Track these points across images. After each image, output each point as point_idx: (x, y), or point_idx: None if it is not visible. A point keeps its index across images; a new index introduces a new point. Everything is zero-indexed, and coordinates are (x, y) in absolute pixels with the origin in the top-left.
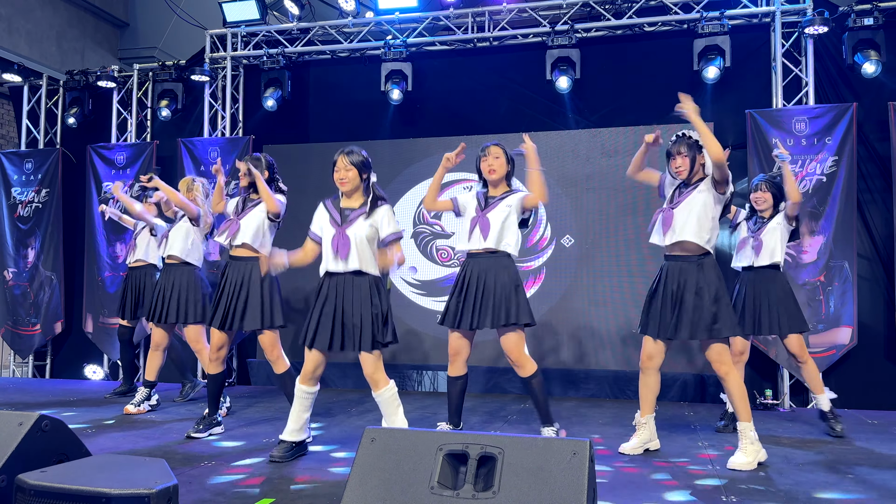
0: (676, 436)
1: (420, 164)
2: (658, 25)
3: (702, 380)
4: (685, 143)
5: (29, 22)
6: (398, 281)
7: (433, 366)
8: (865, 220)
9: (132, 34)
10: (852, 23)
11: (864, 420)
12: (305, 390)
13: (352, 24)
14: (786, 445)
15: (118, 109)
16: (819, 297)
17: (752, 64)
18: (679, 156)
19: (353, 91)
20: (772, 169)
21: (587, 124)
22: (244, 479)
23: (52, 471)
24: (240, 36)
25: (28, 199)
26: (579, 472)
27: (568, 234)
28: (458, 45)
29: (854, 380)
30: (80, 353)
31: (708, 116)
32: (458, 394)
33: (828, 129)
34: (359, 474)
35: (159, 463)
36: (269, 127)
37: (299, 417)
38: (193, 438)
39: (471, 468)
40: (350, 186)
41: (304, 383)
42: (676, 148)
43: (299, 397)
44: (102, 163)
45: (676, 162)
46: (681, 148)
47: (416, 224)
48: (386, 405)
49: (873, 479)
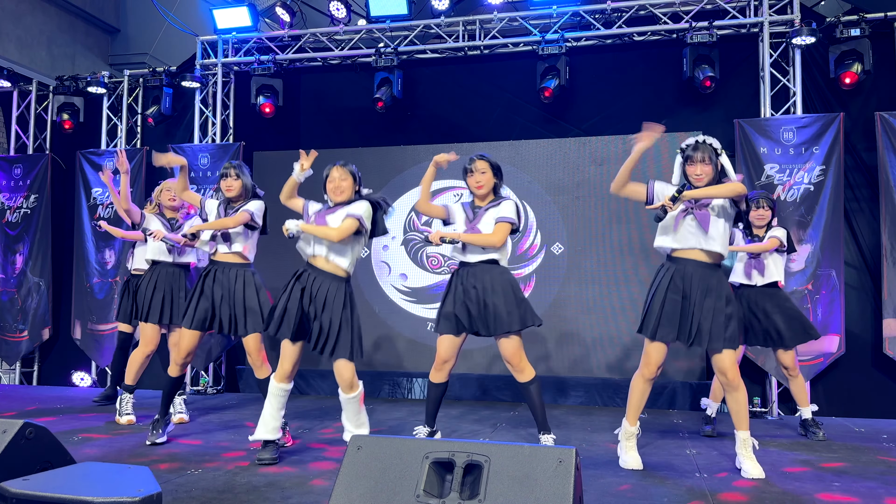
0: (664, 444)
1: (410, 172)
2: (647, 35)
3: (690, 387)
4: (709, 148)
5: (19, 27)
6: (388, 288)
7: (423, 373)
8: (853, 228)
9: (123, 40)
10: (839, 34)
11: (852, 428)
12: (284, 388)
13: (343, 32)
14: (773, 453)
15: (108, 115)
16: (807, 305)
17: (741, 74)
18: (702, 163)
19: (344, 98)
20: (760, 178)
21: (577, 133)
22: (231, 488)
23: (36, 478)
24: (231, 42)
25: (17, 205)
26: (565, 480)
27: (558, 242)
28: (449, 53)
29: (841, 388)
30: (67, 359)
31: (696, 125)
32: (439, 398)
33: (815, 138)
34: (345, 482)
35: (143, 471)
36: (259, 133)
37: (277, 415)
38: (157, 444)
39: (457, 476)
40: (345, 197)
41: (282, 381)
42: (700, 155)
43: (277, 396)
44: (92, 169)
45: (697, 169)
46: (704, 155)
47: (407, 231)
48: (356, 404)
49: (859, 487)
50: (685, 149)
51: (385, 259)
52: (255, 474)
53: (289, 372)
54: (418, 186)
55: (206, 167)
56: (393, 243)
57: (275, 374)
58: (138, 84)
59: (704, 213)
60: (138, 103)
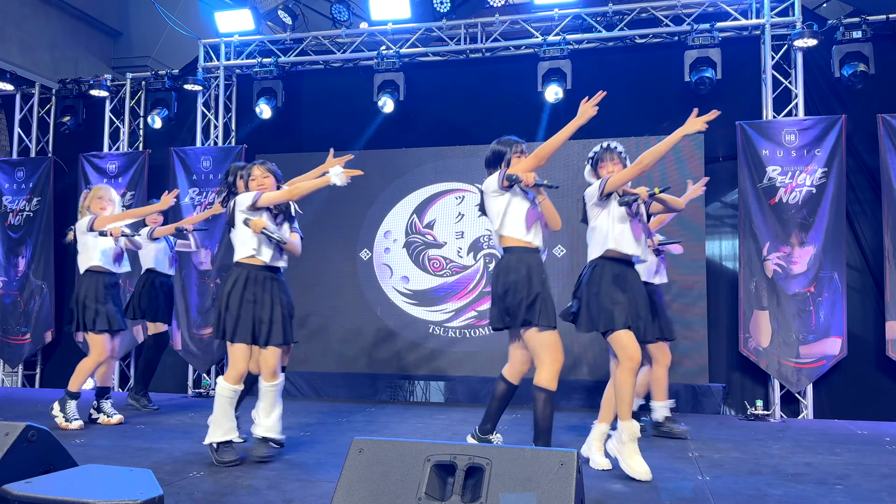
0: (666, 446)
1: (412, 174)
2: (649, 38)
3: (693, 390)
4: (615, 151)
5: (21, 30)
6: (390, 290)
7: (424, 375)
8: (855, 231)
9: (126, 43)
10: (841, 36)
11: (854, 431)
12: (238, 389)
13: (345, 35)
14: (776, 456)
15: (111, 118)
16: (809, 307)
17: (742, 76)
18: (611, 162)
19: (346, 101)
20: (762, 180)
21: (579, 135)
22: (233, 490)
23: (38, 481)
24: (233, 46)
25: (19, 208)
26: (566, 483)
27: (560, 245)
28: (451, 55)
29: (844, 390)
30: (70, 362)
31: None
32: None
33: (817, 140)
34: (346, 485)
35: (146, 473)
36: (261, 136)
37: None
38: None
39: (458, 479)
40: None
41: (235, 384)
42: (610, 155)
43: (231, 398)
44: (94, 171)
45: (609, 167)
46: (613, 155)
47: (409, 234)
48: (276, 395)
49: (862, 491)
50: (593, 156)
51: (387, 261)
52: (257, 477)
53: (244, 373)
54: (420, 189)
55: (208, 170)
56: (395, 246)
57: (228, 376)
58: (141, 87)
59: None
60: (140, 106)
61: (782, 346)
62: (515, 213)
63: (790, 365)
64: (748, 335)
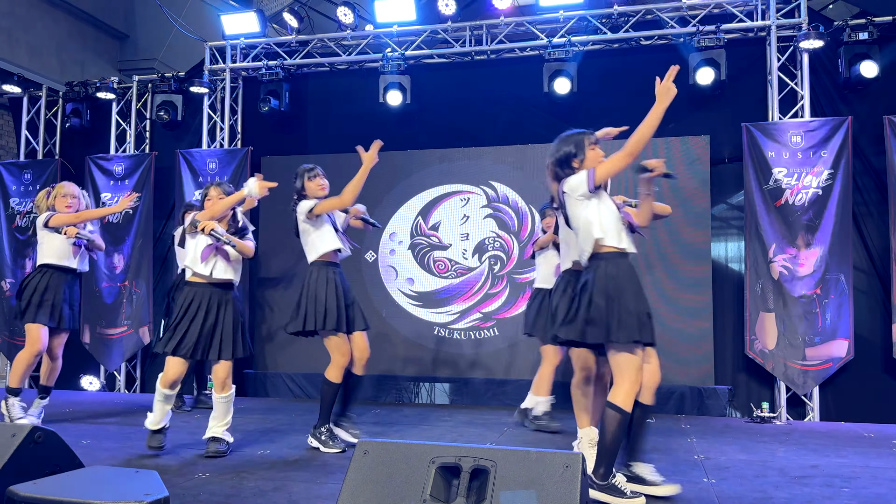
0: (672, 449)
1: (417, 176)
2: (654, 39)
3: (699, 392)
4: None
5: (29, 33)
6: (395, 292)
7: (429, 377)
8: (861, 232)
9: (132, 46)
10: (847, 37)
11: (861, 433)
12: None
13: (350, 37)
14: (782, 459)
15: (117, 121)
16: (815, 309)
17: (748, 77)
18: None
19: (352, 103)
20: (768, 182)
21: None
22: (238, 492)
23: (44, 482)
24: (239, 48)
25: (26, 210)
26: (572, 486)
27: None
28: (456, 58)
29: (850, 393)
30: (76, 364)
31: (704, 129)
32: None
33: (823, 142)
34: (351, 487)
35: (151, 475)
36: (267, 138)
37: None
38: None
39: (463, 481)
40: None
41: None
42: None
43: (167, 401)
44: (101, 174)
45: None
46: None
47: (414, 236)
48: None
49: (868, 494)
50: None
51: (392, 263)
52: (262, 478)
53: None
54: (426, 191)
55: (214, 172)
56: (400, 248)
57: (162, 380)
58: (147, 89)
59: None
60: (147, 108)
61: (788, 349)
62: (607, 216)
63: (796, 367)
64: (754, 337)
